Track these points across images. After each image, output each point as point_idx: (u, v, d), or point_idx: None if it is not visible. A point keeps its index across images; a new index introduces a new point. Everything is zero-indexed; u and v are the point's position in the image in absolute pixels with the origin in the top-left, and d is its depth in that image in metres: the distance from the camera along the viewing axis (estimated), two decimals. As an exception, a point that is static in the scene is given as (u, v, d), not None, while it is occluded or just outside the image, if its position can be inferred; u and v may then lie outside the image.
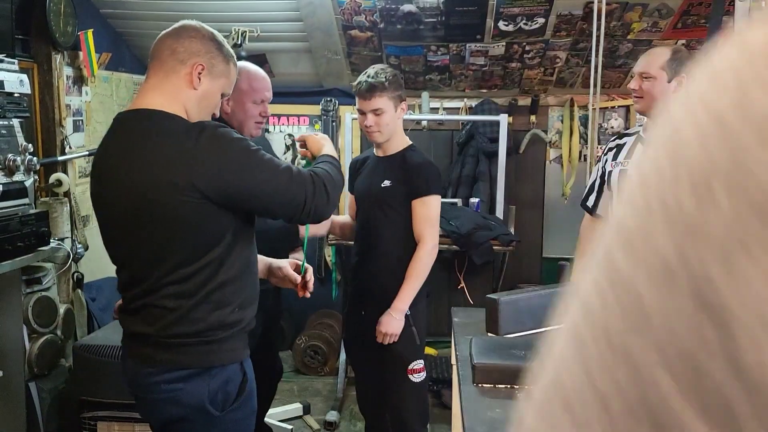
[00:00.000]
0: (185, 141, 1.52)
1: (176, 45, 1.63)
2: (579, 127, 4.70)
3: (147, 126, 1.58)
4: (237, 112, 2.38)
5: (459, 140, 4.68)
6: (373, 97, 2.42)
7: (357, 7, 3.94)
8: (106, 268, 3.83)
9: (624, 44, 4.23)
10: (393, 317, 2.42)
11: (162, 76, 1.62)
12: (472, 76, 4.61)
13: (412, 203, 2.48)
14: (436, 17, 3.97)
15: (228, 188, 1.53)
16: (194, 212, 1.52)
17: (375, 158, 2.61)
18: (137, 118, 1.61)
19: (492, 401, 1.43)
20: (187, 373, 1.58)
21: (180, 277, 1.55)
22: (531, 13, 3.91)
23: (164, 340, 1.58)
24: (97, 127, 3.92)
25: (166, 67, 1.62)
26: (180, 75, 1.61)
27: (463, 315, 2.07)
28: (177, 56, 1.62)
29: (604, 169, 2.52)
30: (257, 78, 2.41)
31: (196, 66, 1.62)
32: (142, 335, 1.61)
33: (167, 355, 1.59)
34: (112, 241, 1.68)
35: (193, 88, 1.62)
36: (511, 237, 3.83)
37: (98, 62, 3.79)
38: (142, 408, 1.71)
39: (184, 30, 1.66)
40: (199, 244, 1.56)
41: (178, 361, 1.58)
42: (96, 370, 2.66)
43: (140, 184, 1.53)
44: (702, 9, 3.85)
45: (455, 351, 1.82)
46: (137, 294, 1.61)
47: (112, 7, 4.09)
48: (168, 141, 1.54)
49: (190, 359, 1.58)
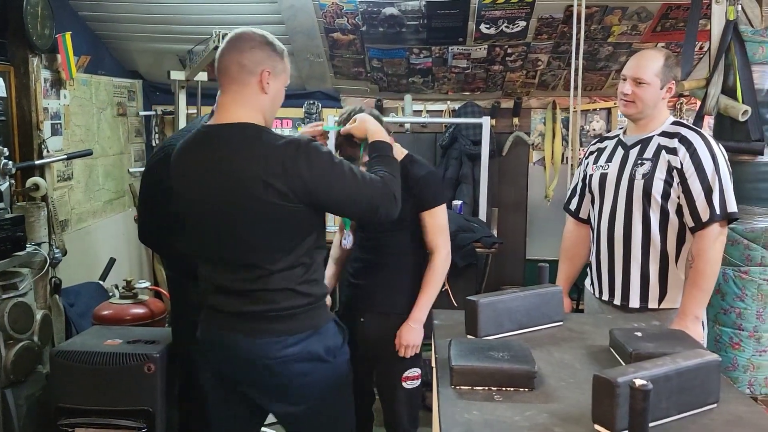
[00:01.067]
0: (284, 153, 1.76)
1: (241, 59, 1.83)
2: (561, 129, 4.73)
3: (247, 136, 1.81)
4: None
5: (442, 143, 4.69)
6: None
7: (339, 10, 3.94)
8: (85, 274, 3.80)
9: (605, 47, 4.26)
10: (413, 328, 2.41)
11: (237, 90, 1.84)
12: (455, 79, 4.62)
13: (420, 215, 2.45)
14: (418, 20, 3.97)
15: (319, 196, 1.81)
16: (293, 213, 1.80)
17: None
18: (234, 130, 1.82)
19: (469, 403, 1.41)
20: (305, 335, 1.88)
21: (287, 264, 1.85)
22: (512, 16, 3.92)
23: (279, 314, 1.86)
24: (75, 130, 3.88)
25: (238, 81, 1.84)
26: (251, 84, 1.84)
27: (443, 317, 2.06)
28: (245, 68, 1.83)
29: (586, 172, 2.53)
30: None
31: (263, 73, 1.84)
32: (253, 313, 1.87)
33: (284, 326, 1.87)
34: (210, 236, 1.90)
35: (264, 93, 1.85)
36: (493, 239, 3.83)
37: (77, 65, 3.75)
38: (261, 374, 1.91)
39: (243, 42, 1.85)
40: (299, 236, 1.86)
41: (296, 328, 1.88)
42: (74, 377, 2.62)
43: (251, 187, 1.77)
44: (680, 12, 3.89)
45: (434, 353, 1.81)
46: (247, 278, 1.86)
47: (90, 10, 4.05)
48: (270, 152, 1.77)
49: (304, 325, 1.89)
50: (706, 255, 2.18)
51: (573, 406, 1.42)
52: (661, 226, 2.29)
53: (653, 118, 2.33)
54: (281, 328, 1.88)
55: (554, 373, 1.59)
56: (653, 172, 2.27)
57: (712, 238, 2.19)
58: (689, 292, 2.20)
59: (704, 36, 3.44)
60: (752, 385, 3.07)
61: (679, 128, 2.30)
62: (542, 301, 1.94)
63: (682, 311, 2.21)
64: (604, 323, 1.98)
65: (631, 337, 1.67)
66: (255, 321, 1.88)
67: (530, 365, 1.51)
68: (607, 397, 1.26)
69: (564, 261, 2.66)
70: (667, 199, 2.26)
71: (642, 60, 2.32)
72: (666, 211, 2.27)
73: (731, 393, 1.50)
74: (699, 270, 2.19)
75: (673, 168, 2.24)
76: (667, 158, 2.25)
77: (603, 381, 1.27)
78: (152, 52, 4.52)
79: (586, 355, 1.73)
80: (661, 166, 2.26)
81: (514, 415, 1.37)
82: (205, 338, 2.01)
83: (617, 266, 2.37)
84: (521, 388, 1.48)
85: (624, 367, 1.37)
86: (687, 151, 2.22)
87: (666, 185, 2.25)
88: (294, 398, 1.96)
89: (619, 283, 2.37)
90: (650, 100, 2.29)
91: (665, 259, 2.30)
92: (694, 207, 2.21)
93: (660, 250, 2.30)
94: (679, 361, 1.36)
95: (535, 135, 4.82)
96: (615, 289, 2.39)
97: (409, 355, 2.44)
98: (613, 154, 2.42)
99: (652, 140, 2.32)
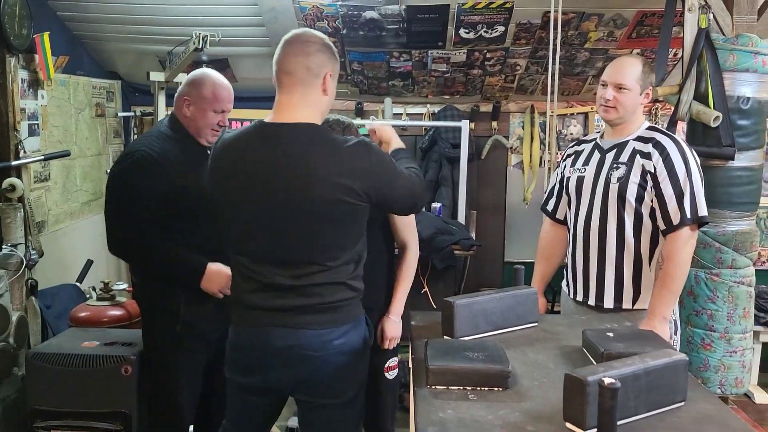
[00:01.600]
0: (356, 152, 1.81)
1: (309, 62, 1.84)
2: (539, 133, 4.78)
3: (316, 136, 1.83)
4: (197, 118, 2.38)
5: (422, 146, 4.72)
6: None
7: (319, 13, 3.95)
8: (62, 275, 3.77)
9: (581, 53, 4.32)
10: (394, 321, 2.50)
11: (303, 91, 1.85)
12: (435, 83, 4.65)
13: (390, 213, 2.48)
14: (398, 24, 4.00)
15: (384, 192, 1.86)
16: (361, 210, 1.85)
17: None
18: (301, 129, 1.83)
19: (444, 402, 1.44)
20: (349, 327, 1.92)
21: (344, 261, 1.88)
22: (491, 21, 3.97)
23: (327, 306, 1.88)
24: (53, 131, 3.85)
25: (305, 83, 1.85)
26: (316, 87, 1.86)
27: (420, 318, 2.09)
28: (312, 72, 1.85)
29: (563, 174, 2.57)
30: (222, 87, 2.41)
31: (326, 76, 1.87)
32: (300, 307, 1.87)
33: (328, 317, 1.89)
34: (265, 234, 1.87)
35: (326, 95, 1.89)
36: (472, 241, 3.87)
37: (55, 65, 3.72)
38: (306, 366, 1.89)
39: (309, 45, 1.86)
40: (359, 233, 1.92)
41: (340, 319, 1.90)
42: (50, 379, 2.61)
43: (322, 186, 1.78)
44: (654, 20, 3.96)
45: (411, 354, 1.84)
46: (302, 275, 1.86)
47: (69, 10, 4.03)
48: (342, 152, 1.80)
49: (347, 317, 1.92)
50: (676, 257, 2.23)
51: (545, 404, 1.45)
52: (635, 229, 2.33)
53: (630, 123, 2.38)
54: (325, 320, 1.89)
55: (528, 373, 1.62)
56: (628, 176, 2.31)
57: (682, 241, 2.24)
58: (658, 293, 2.25)
59: (678, 43, 3.51)
60: (723, 386, 3.14)
61: (653, 133, 2.35)
62: (517, 303, 1.97)
63: (651, 311, 2.25)
64: (577, 324, 2.02)
65: (603, 338, 1.70)
66: (300, 314, 1.88)
67: (504, 365, 1.53)
68: (577, 395, 1.29)
69: (540, 261, 2.69)
70: (641, 202, 2.30)
71: (622, 66, 2.36)
72: (640, 214, 2.31)
73: (698, 392, 1.54)
74: (668, 272, 2.23)
75: (647, 172, 2.28)
76: (642, 162, 2.29)
77: (573, 380, 1.30)
78: (132, 53, 4.50)
79: (559, 355, 1.76)
80: (636, 170, 2.30)
81: (487, 414, 1.40)
82: (238, 338, 1.96)
83: (592, 267, 2.42)
84: (495, 388, 1.51)
85: (594, 366, 1.40)
86: (660, 156, 2.27)
87: (640, 189, 2.29)
88: (333, 391, 1.95)
89: (593, 284, 2.41)
90: (630, 105, 2.34)
91: (639, 261, 2.35)
92: (666, 210, 2.25)
93: (634, 253, 2.34)
94: (647, 361, 1.40)
95: (513, 138, 4.87)
96: (589, 290, 2.43)
97: (392, 347, 2.51)
98: (590, 158, 2.46)
99: (628, 144, 2.36)
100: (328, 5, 3.88)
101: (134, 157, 2.32)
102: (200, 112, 2.37)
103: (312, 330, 1.87)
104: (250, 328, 1.92)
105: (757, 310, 3.89)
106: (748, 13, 3.03)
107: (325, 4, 3.87)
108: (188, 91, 2.39)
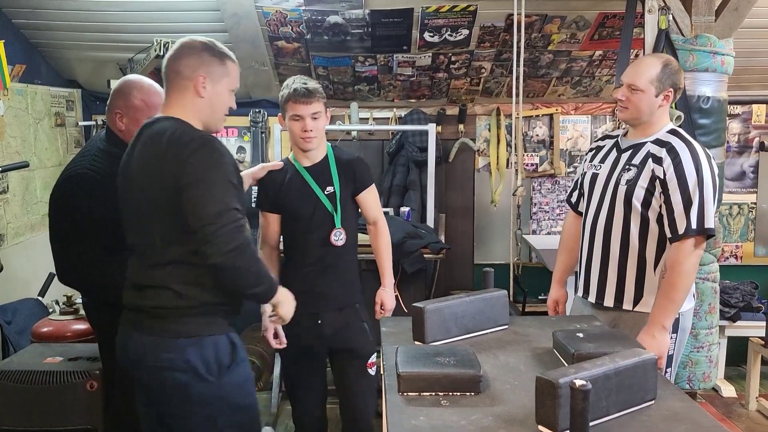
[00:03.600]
0: (184, 145, 1.80)
1: (178, 65, 1.90)
2: (506, 135, 4.81)
3: (159, 128, 1.86)
4: (132, 130, 2.15)
5: (389, 150, 4.71)
6: (312, 101, 2.43)
7: (283, 18, 3.92)
8: (23, 290, 3.67)
9: (545, 55, 4.36)
10: (389, 292, 2.61)
11: (176, 96, 1.91)
12: (401, 87, 4.65)
13: (359, 197, 2.58)
14: (362, 28, 3.99)
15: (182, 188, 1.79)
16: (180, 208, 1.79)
17: (301, 169, 2.54)
18: (152, 124, 1.90)
19: (416, 409, 1.43)
20: (185, 342, 1.82)
21: (173, 258, 1.83)
22: (455, 24, 3.98)
23: (159, 311, 1.83)
24: (11, 141, 3.75)
25: (176, 87, 1.90)
26: (188, 89, 1.89)
27: (391, 324, 2.07)
28: (182, 75, 1.89)
29: (583, 168, 2.55)
30: (151, 93, 2.30)
31: (199, 78, 1.88)
32: (146, 309, 1.85)
33: (165, 326, 1.83)
34: (129, 229, 1.94)
35: (200, 96, 1.90)
36: (441, 245, 3.87)
37: (11, 75, 3.62)
38: (146, 378, 1.89)
39: (181, 49, 1.92)
40: (185, 231, 1.79)
41: (176, 331, 1.83)
42: (12, 397, 2.53)
43: (154, 183, 1.82)
44: (616, 21, 4.02)
45: (382, 361, 1.82)
46: (144, 272, 1.87)
47: (25, 18, 3.93)
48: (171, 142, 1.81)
49: (185, 330, 1.83)
50: (679, 267, 2.18)
51: (518, 408, 1.44)
52: (641, 233, 2.29)
53: (651, 124, 2.31)
54: (163, 328, 1.84)
55: (500, 377, 1.62)
56: (636, 179, 2.26)
57: (687, 251, 2.18)
58: (659, 303, 2.20)
59: (639, 44, 3.56)
60: (691, 381, 3.19)
61: (672, 138, 2.28)
62: (488, 306, 1.97)
63: (651, 320, 2.20)
64: (548, 325, 2.03)
65: (573, 339, 1.71)
66: (147, 317, 1.86)
67: (476, 369, 1.53)
68: (549, 398, 1.29)
69: (562, 252, 2.66)
70: (647, 207, 2.26)
71: (638, 67, 2.31)
72: (646, 218, 2.27)
73: (668, 389, 1.56)
74: (671, 281, 2.18)
75: (656, 177, 2.23)
76: (652, 167, 2.24)
77: (545, 382, 1.30)
78: (91, 61, 4.41)
79: (530, 357, 1.76)
80: (645, 174, 2.25)
81: (460, 420, 1.39)
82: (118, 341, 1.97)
83: (594, 265, 2.39)
84: (467, 393, 1.50)
85: (565, 368, 1.40)
86: (672, 162, 2.21)
87: (647, 194, 2.24)
88: (176, 413, 1.88)
89: (595, 281, 2.39)
90: (645, 106, 2.27)
91: (642, 264, 2.30)
92: (673, 218, 2.20)
93: (638, 256, 2.30)
94: (617, 361, 1.40)
95: (480, 141, 4.89)
96: (590, 287, 2.41)
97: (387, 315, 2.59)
98: (607, 155, 2.43)
99: (644, 147, 2.30)
100: (291, 10, 3.85)
101: (78, 181, 2.21)
102: (134, 122, 2.20)
103: (152, 337, 1.85)
104: (121, 329, 1.98)
105: (722, 305, 3.97)
106: (706, 14, 3.09)
107: (288, 9, 3.84)
108: (117, 103, 2.28)
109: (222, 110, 1.97)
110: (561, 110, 4.86)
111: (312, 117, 2.44)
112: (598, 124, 4.90)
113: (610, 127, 4.85)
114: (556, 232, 4.87)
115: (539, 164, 4.92)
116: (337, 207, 2.51)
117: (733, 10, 3.11)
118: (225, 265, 1.76)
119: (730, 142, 4.77)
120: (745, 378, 3.92)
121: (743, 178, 4.89)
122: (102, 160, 2.25)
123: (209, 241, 1.74)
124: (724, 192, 3.28)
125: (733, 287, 4.21)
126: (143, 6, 3.89)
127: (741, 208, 4.88)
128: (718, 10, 3.13)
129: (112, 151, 2.24)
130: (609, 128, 4.85)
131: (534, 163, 4.91)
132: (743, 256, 4.89)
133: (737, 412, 3.83)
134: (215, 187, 1.78)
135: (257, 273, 1.85)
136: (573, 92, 4.79)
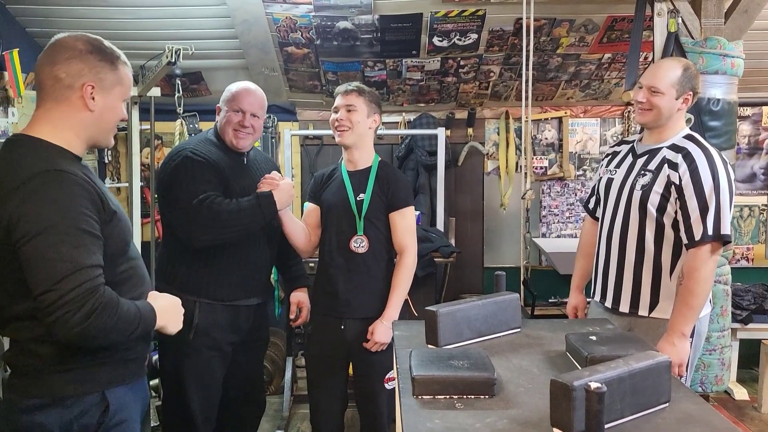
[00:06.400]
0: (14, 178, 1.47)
1: (56, 71, 1.54)
2: (515, 138, 4.82)
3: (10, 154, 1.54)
4: (221, 121, 2.53)
5: (398, 154, 4.73)
6: (350, 95, 2.54)
7: (292, 24, 3.95)
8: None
9: (554, 58, 4.37)
10: (386, 326, 2.49)
11: (51, 107, 1.55)
12: (410, 91, 4.67)
13: (390, 216, 2.56)
14: (371, 34, 4.01)
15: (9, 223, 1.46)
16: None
17: (344, 172, 2.62)
18: (10, 146, 1.57)
19: (431, 412, 1.43)
20: (40, 402, 1.53)
21: (27, 308, 1.49)
22: (464, 29, 4.00)
23: (19, 367, 1.55)
24: (25, 148, 3.78)
25: (52, 97, 1.55)
26: (69, 100, 1.55)
27: (403, 328, 2.08)
28: (62, 83, 1.54)
29: (600, 173, 2.56)
30: (242, 88, 2.52)
31: (86, 87, 1.56)
32: (7, 361, 1.58)
33: (21, 382, 1.55)
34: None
35: (89, 110, 1.57)
36: (451, 248, 3.88)
37: (25, 82, 3.66)
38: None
39: (58, 51, 1.56)
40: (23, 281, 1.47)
41: (31, 390, 1.53)
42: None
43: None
44: (624, 24, 4.02)
45: (396, 364, 1.83)
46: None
47: (39, 26, 3.97)
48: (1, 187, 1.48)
49: (41, 388, 1.53)
50: (696, 274, 2.17)
51: (532, 410, 1.45)
52: (657, 238, 2.29)
53: (667, 129, 2.31)
54: (18, 384, 1.55)
55: (513, 379, 1.62)
56: (652, 185, 2.26)
57: (703, 257, 2.17)
58: (678, 310, 2.19)
59: (648, 47, 3.56)
60: (703, 384, 3.18)
61: (687, 143, 2.27)
62: (500, 309, 1.97)
63: (670, 327, 2.20)
64: (560, 328, 2.03)
65: (586, 341, 1.71)
66: (5, 370, 1.59)
67: (489, 372, 1.53)
68: (564, 400, 1.30)
69: (580, 258, 2.66)
70: (662, 213, 2.25)
71: (659, 70, 2.30)
72: (661, 224, 2.27)
73: (681, 392, 1.56)
74: (689, 288, 2.18)
75: (672, 183, 2.22)
76: (668, 173, 2.24)
77: (559, 385, 1.31)
78: (103, 68, 4.44)
79: (543, 360, 1.77)
80: (661, 180, 2.25)
81: (475, 422, 1.39)
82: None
83: (611, 270, 2.39)
84: (482, 395, 1.51)
85: (579, 371, 1.41)
86: (688, 168, 2.20)
87: (663, 199, 2.24)
88: None
89: (611, 286, 2.39)
90: (665, 109, 2.27)
91: (658, 270, 2.30)
92: (689, 224, 2.19)
93: (654, 261, 2.30)
94: (631, 363, 1.41)
95: (489, 145, 4.90)
96: (607, 292, 2.41)
97: (376, 350, 2.53)
98: (623, 161, 2.43)
99: (660, 152, 2.30)
100: (301, 16, 3.88)
101: (181, 155, 2.43)
102: (224, 112, 2.53)
103: (7, 395, 1.57)
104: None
105: (734, 308, 3.96)
106: (715, 17, 3.09)
107: (298, 15, 3.87)
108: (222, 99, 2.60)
109: (113, 124, 1.64)
110: (570, 113, 4.87)
111: (346, 108, 2.53)
112: (607, 127, 4.90)
113: (619, 130, 4.86)
114: (565, 235, 4.87)
115: (548, 167, 4.92)
116: (362, 214, 2.53)
117: (743, 13, 3.11)
118: (80, 338, 1.42)
119: (741, 144, 4.76)
120: (758, 381, 3.90)
121: (754, 180, 4.88)
122: (206, 145, 2.52)
123: (51, 312, 1.39)
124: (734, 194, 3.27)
125: (744, 289, 4.21)
126: (154, 13, 3.92)
127: (752, 210, 4.87)
128: (728, 13, 3.13)
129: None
130: (618, 131, 4.86)
131: (543, 167, 4.92)
132: (754, 258, 4.87)
133: (750, 415, 3.82)
134: (59, 242, 1.41)
135: (125, 323, 1.49)
136: (582, 95, 4.79)
